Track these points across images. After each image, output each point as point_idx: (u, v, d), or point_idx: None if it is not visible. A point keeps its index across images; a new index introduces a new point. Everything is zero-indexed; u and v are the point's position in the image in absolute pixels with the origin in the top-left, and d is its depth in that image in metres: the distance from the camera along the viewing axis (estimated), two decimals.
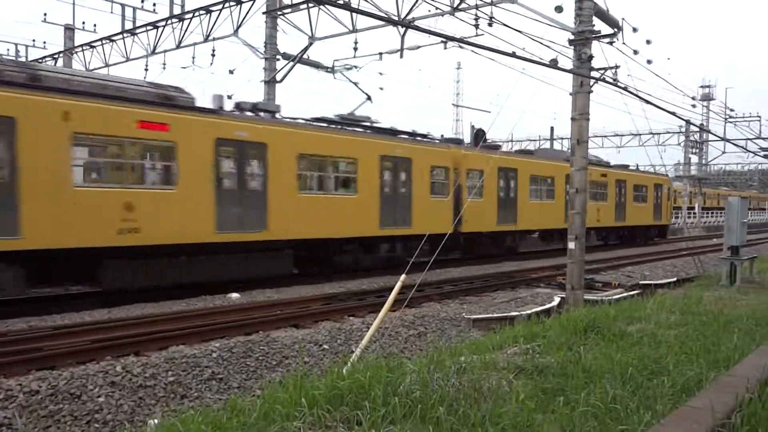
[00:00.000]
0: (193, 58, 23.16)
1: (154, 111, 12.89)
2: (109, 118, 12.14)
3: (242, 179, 14.82)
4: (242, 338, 9.78)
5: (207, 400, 7.74)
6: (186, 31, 22.18)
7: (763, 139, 43.92)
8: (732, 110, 44.21)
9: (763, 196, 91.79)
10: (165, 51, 23.46)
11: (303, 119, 17.10)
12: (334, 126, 17.72)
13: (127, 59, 24.85)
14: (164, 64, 23.92)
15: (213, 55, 22.54)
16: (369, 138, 18.20)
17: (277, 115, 16.40)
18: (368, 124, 19.14)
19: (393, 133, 19.41)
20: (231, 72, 23.02)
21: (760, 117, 45.27)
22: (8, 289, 11.28)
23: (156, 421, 4.66)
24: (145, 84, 14.03)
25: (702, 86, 59.12)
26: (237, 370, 8.73)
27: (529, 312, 11.92)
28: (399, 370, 5.23)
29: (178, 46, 22.56)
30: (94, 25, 26.96)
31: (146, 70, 24.04)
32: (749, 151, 44.72)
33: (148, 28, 23.63)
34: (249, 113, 15.57)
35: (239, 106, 15.59)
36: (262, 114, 15.81)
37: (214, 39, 21.80)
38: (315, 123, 17.29)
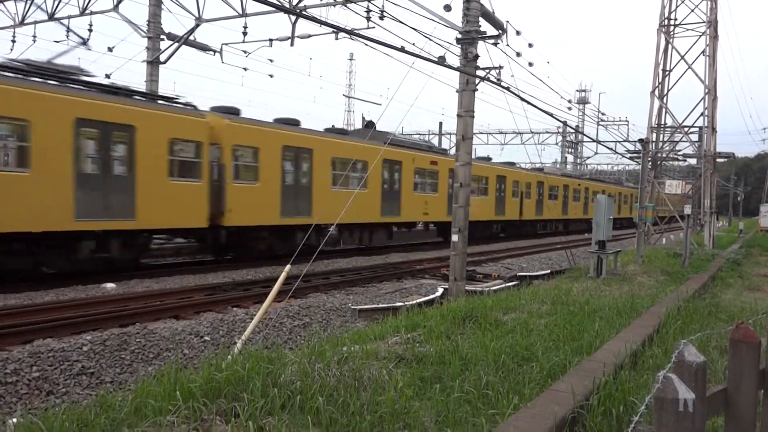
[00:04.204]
0: (68, 31, 21.58)
1: None
2: None
3: None
4: (117, 330, 9.32)
5: (76, 397, 7.31)
6: (60, 2, 20.64)
7: (631, 141, 47.48)
8: (604, 114, 47.53)
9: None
10: (36, 22, 21.71)
11: None
12: None
13: None
14: (35, 36, 22.13)
15: (90, 30, 21.13)
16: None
17: None
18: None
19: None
20: (110, 49, 21.70)
21: (628, 121, 48.92)
22: None
23: (15, 420, 4.32)
24: None
25: (578, 90, 62.75)
26: (110, 364, 8.31)
27: (412, 302, 12.21)
28: (279, 361, 5.20)
29: (51, 18, 20.95)
30: None
31: (13, 42, 22.13)
32: (617, 153, 48.22)
33: None
34: None
35: None
36: None
37: (91, 13, 20.47)
38: None
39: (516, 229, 34.70)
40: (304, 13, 13.79)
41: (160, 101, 15.81)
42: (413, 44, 14.51)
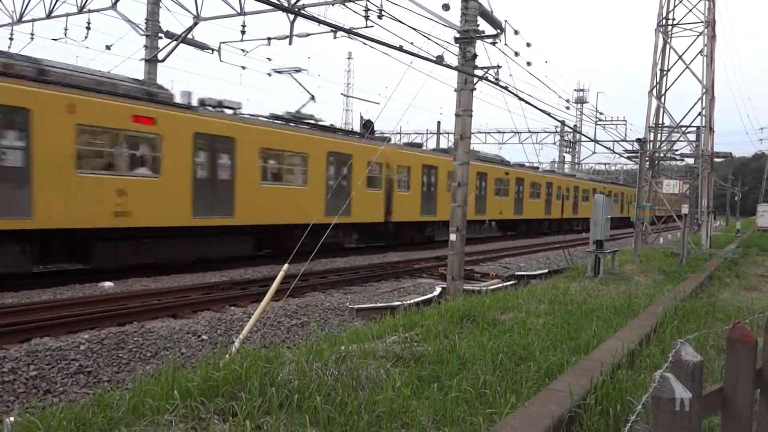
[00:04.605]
0: (66, 30, 21.56)
1: None
2: None
3: None
4: (115, 329, 9.31)
5: (73, 395, 7.30)
6: (58, 0, 20.60)
7: (628, 141, 47.57)
8: (602, 113, 47.59)
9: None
10: (33, 20, 21.67)
11: None
12: None
13: None
14: (32, 34, 22.09)
15: (88, 29, 21.10)
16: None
17: None
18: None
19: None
20: (108, 47, 21.67)
21: (626, 121, 49.00)
22: None
23: (12, 419, 4.32)
24: None
25: (576, 89, 62.79)
26: (108, 363, 8.30)
27: (410, 302, 12.22)
28: (277, 360, 5.20)
29: (49, 16, 20.91)
30: None
31: (11, 39, 22.10)
32: (615, 152, 48.27)
33: None
34: None
35: None
36: None
37: (89, 11, 20.43)
38: None
39: (558, 226, 40.71)
40: (302, 12, 13.78)
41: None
42: (412, 43, 14.48)
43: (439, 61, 12.88)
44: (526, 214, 35.37)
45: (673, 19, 27.14)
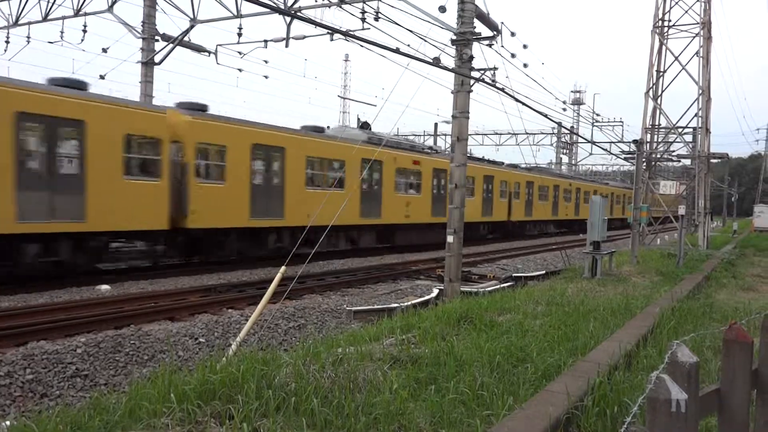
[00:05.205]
0: (62, 32, 21.54)
1: None
2: None
3: None
4: (111, 332, 9.29)
5: (70, 399, 7.29)
6: (54, 3, 20.58)
7: (625, 142, 47.70)
8: (598, 115, 47.67)
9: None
10: (29, 23, 21.65)
11: None
12: None
13: None
14: (29, 37, 22.06)
15: (84, 31, 21.09)
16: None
17: None
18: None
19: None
20: (104, 50, 21.65)
21: (622, 122, 49.08)
22: None
23: (8, 423, 4.31)
24: None
25: (573, 91, 62.87)
26: (104, 366, 8.28)
27: (408, 303, 12.21)
28: (274, 363, 5.19)
29: (45, 19, 20.89)
30: None
31: (7, 42, 22.06)
32: (612, 154, 48.34)
33: None
34: None
35: None
36: None
37: (86, 14, 20.41)
38: None
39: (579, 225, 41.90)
40: (299, 14, 13.80)
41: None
42: (408, 45, 14.51)
43: (436, 63, 12.90)
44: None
45: (669, 21, 27.21)
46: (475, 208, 28.99)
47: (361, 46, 11.87)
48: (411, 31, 13.35)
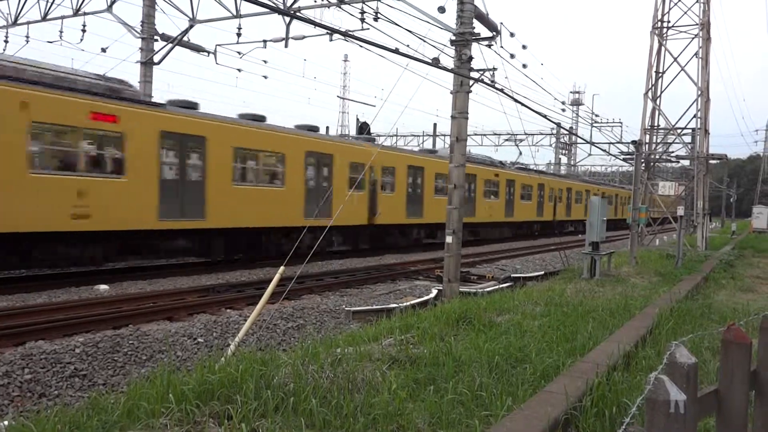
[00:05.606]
0: (61, 32, 21.51)
1: None
2: None
3: None
4: (110, 332, 9.28)
5: (68, 399, 7.28)
6: (53, 2, 20.55)
7: (624, 143, 47.74)
8: (597, 115, 47.71)
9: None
10: (28, 23, 21.62)
11: None
12: None
13: None
14: (27, 37, 22.04)
15: (84, 31, 21.05)
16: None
17: None
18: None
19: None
20: (103, 50, 21.62)
21: (621, 123, 49.11)
22: None
23: (7, 423, 4.30)
24: None
25: (572, 92, 62.85)
26: (103, 366, 8.27)
27: (406, 304, 12.21)
28: (273, 363, 5.19)
29: (44, 18, 20.86)
30: None
31: (6, 42, 22.04)
32: (611, 154, 48.42)
33: None
34: None
35: None
36: None
37: (85, 14, 20.37)
38: None
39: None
40: (298, 14, 13.80)
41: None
42: (407, 46, 14.50)
43: (435, 63, 12.89)
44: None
45: (668, 22, 27.24)
46: (530, 209, 36.62)
47: (361, 46, 11.88)
48: (410, 31, 13.36)
